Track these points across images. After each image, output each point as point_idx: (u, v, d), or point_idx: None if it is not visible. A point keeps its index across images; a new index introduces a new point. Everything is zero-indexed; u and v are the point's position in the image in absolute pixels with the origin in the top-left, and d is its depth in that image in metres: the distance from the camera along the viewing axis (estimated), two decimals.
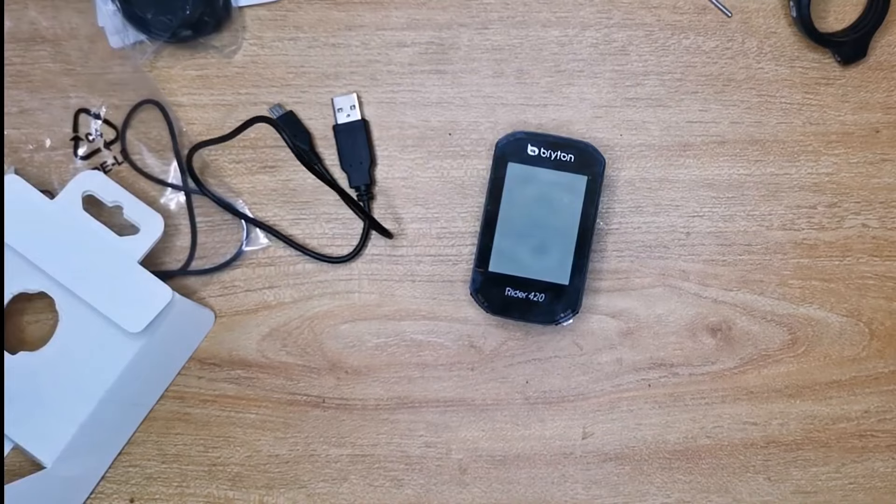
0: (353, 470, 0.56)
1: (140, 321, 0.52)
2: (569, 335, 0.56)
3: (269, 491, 0.55)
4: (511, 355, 0.56)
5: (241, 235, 0.56)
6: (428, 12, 0.57)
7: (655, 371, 0.56)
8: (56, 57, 0.56)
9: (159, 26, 0.54)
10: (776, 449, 0.56)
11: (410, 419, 0.56)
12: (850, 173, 0.57)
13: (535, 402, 0.56)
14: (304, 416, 0.56)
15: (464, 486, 0.56)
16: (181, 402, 0.56)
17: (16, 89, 0.56)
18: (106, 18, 0.55)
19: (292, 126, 0.56)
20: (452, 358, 0.56)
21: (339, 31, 0.57)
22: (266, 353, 0.56)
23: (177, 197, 0.56)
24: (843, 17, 0.57)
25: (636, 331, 0.56)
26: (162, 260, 0.56)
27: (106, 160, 0.56)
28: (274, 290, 0.56)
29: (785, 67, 0.57)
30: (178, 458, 0.55)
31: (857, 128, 0.57)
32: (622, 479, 0.56)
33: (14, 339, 0.55)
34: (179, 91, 0.57)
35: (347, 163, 0.56)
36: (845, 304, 0.56)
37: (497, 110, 0.57)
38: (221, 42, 0.57)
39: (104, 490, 0.55)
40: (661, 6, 0.57)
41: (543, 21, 0.57)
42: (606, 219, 0.56)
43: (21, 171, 0.56)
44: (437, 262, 0.56)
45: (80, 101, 0.56)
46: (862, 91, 0.57)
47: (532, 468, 0.56)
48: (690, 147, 0.56)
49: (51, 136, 0.56)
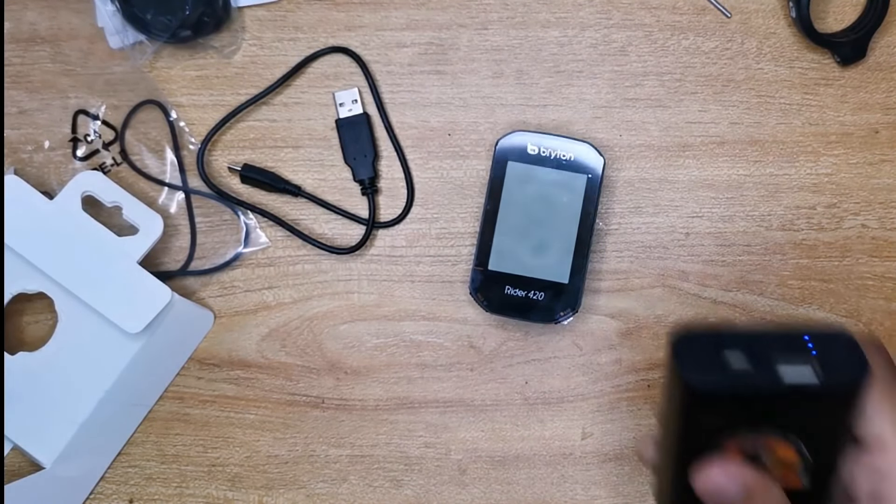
0: (353, 470, 0.56)
1: (139, 321, 0.52)
2: (568, 335, 0.56)
3: (269, 491, 0.55)
4: (510, 356, 0.56)
5: (241, 236, 0.56)
6: (427, 13, 0.57)
7: (655, 371, 0.56)
8: (55, 57, 0.56)
9: (159, 27, 0.54)
10: None
11: (410, 419, 0.56)
12: (850, 174, 0.57)
13: (535, 403, 0.56)
14: (304, 417, 0.56)
15: (463, 486, 0.55)
16: (180, 403, 0.56)
17: (15, 90, 0.56)
18: (105, 19, 0.56)
19: (256, 173, 0.56)
20: (452, 358, 0.56)
21: (339, 32, 0.57)
22: (265, 353, 0.56)
23: (176, 197, 0.56)
24: (843, 18, 0.57)
25: (636, 331, 0.56)
26: (161, 260, 0.56)
27: (105, 161, 0.56)
28: (273, 291, 0.56)
29: (784, 68, 0.57)
30: (177, 458, 0.55)
31: (857, 128, 0.57)
32: (622, 479, 0.55)
33: (14, 340, 0.55)
34: (179, 91, 0.57)
35: (351, 157, 0.56)
36: (844, 304, 0.56)
37: (496, 111, 0.57)
38: (221, 42, 0.57)
39: (103, 490, 0.55)
40: (660, 7, 0.57)
41: (543, 22, 0.57)
42: (606, 219, 0.56)
43: (20, 171, 0.56)
44: (437, 263, 0.56)
45: (79, 101, 0.56)
46: (861, 91, 0.57)
47: (531, 469, 0.56)
48: (690, 147, 0.56)
49: (50, 136, 0.56)
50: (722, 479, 0.35)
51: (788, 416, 0.35)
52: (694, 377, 0.34)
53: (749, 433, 0.35)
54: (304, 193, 0.56)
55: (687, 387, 0.34)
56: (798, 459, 0.36)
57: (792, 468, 0.36)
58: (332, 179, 0.57)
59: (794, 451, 0.36)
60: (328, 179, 0.57)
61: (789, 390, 0.34)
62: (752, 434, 0.35)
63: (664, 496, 0.39)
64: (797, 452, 0.36)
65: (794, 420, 0.35)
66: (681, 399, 0.35)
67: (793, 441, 0.36)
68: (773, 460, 0.36)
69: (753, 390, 0.34)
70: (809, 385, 0.34)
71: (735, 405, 0.35)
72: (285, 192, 0.56)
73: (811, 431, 0.36)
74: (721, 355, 0.34)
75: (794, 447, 0.36)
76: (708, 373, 0.34)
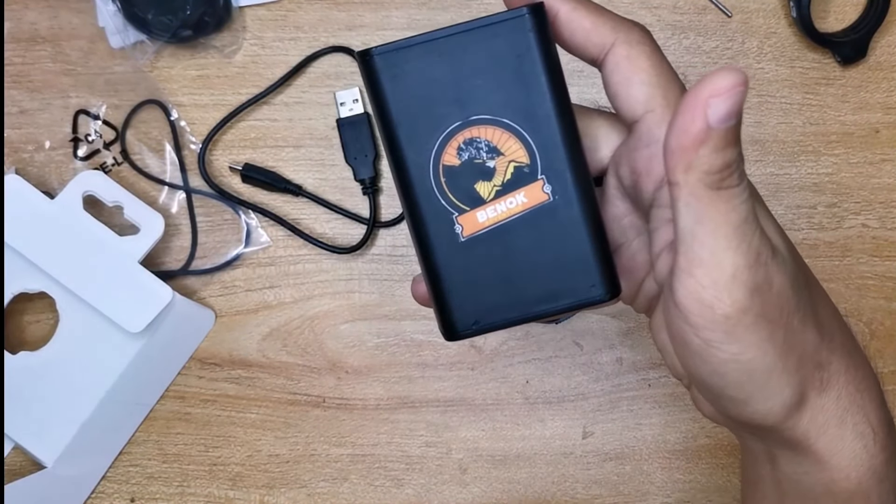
0: (354, 469, 0.56)
1: (140, 321, 0.52)
2: (569, 335, 0.56)
3: (270, 490, 0.55)
4: (511, 355, 0.56)
5: (242, 235, 0.56)
6: (428, 12, 0.57)
7: (655, 371, 0.56)
8: (56, 57, 0.56)
9: (160, 26, 0.54)
10: None
11: (411, 419, 0.56)
12: (850, 173, 0.57)
13: (536, 402, 0.56)
14: (305, 416, 0.56)
15: (464, 485, 0.56)
16: (182, 402, 0.56)
17: (16, 90, 0.56)
18: (106, 19, 0.55)
19: (257, 172, 0.56)
20: (452, 358, 0.56)
21: (340, 31, 0.57)
22: (266, 352, 0.56)
23: (177, 197, 0.56)
24: (843, 18, 0.57)
25: (636, 331, 0.56)
26: (162, 260, 0.56)
27: (106, 160, 0.56)
28: (274, 290, 0.56)
29: (785, 67, 0.57)
30: (178, 457, 0.56)
31: (857, 128, 0.57)
32: (622, 478, 0.56)
33: (14, 339, 0.55)
34: (180, 91, 0.57)
35: (352, 156, 0.56)
36: (845, 304, 0.56)
37: None
38: (222, 42, 0.57)
39: (105, 490, 0.55)
40: (661, 6, 0.57)
41: None
42: None
43: (21, 171, 0.56)
44: None
45: (80, 101, 0.56)
46: (862, 91, 0.57)
47: (532, 468, 0.56)
48: None
49: (51, 136, 0.56)
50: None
51: (488, 96, 0.33)
52: (389, 86, 0.33)
53: (463, 128, 0.33)
54: (305, 193, 0.56)
55: (385, 96, 0.33)
56: (522, 148, 0.33)
57: (519, 154, 0.33)
58: (333, 179, 0.57)
59: (515, 137, 0.33)
60: (329, 179, 0.57)
61: (480, 66, 0.33)
62: (467, 128, 0.33)
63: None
64: (518, 139, 0.33)
65: (498, 98, 0.33)
66: (386, 111, 0.33)
67: (507, 126, 0.33)
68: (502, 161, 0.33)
69: (450, 77, 0.33)
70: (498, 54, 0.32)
71: (437, 97, 0.33)
72: (286, 191, 0.56)
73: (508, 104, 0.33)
74: (410, 64, 0.33)
75: (513, 133, 0.33)
76: (402, 77, 0.33)
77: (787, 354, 0.30)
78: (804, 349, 0.30)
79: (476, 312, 0.34)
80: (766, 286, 0.29)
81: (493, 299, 0.34)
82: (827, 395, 0.31)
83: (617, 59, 0.33)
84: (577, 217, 0.33)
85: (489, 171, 0.33)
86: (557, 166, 0.33)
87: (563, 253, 0.33)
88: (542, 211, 0.33)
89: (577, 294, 0.33)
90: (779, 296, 0.29)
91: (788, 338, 0.30)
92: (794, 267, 0.31)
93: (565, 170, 0.33)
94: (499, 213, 0.33)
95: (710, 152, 0.27)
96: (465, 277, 0.33)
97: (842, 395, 0.31)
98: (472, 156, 0.33)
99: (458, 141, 0.33)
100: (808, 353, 0.31)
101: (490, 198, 0.33)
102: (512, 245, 0.33)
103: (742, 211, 0.28)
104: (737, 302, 0.28)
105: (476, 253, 0.33)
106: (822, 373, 0.31)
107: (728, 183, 0.28)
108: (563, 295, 0.33)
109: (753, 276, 0.28)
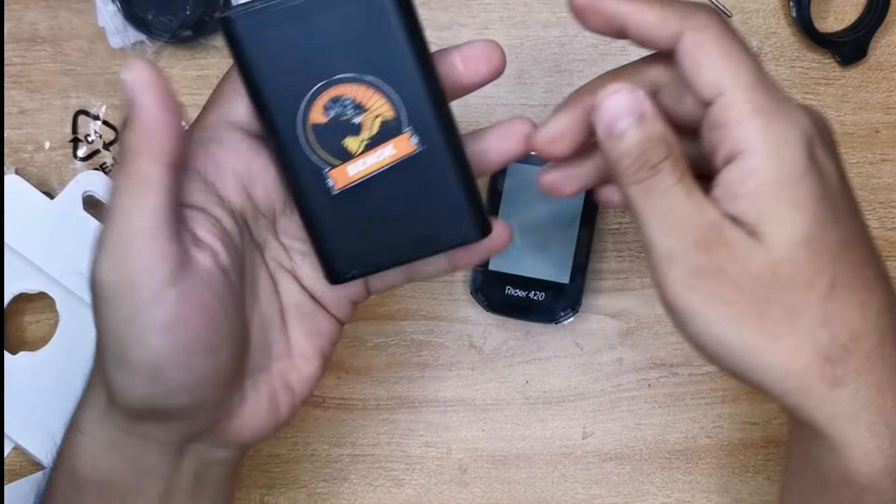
0: (354, 470, 0.56)
1: None
2: (569, 335, 0.56)
3: (270, 490, 0.55)
4: (511, 355, 0.56)
5: None
6: (428, 12, 0.57)
7: (655, 371, 0.56)
8: (56, 57, 0.56)
9: (160, 27, 0.54)
10: (776, 449, 0.56)
11: (411, 419, 0.56)
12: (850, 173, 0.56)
13: (536, 402, 0.56)
14: (305, 416, 0.56)
15: (464, 485, 0.56)
16: None
17: (16, 90, 0.56)
18: (106, 19, 0.56)
19: None
20: (453, 358, 0.56)
21: None
22: None
23: None
24: (843, 18, 0.57)
25: (636, 331, 0.56)
26: None
27: (106, 161, 0.56)
28: None
29: (785, 67, 0.57)
30: None
31: (857, 128, 0.57)
32: (622, 478, 0.56)
33: (15, 339, 0.55)
34: (180, 91, 0.57)
35: None
36: None
37: (497, 110, 0.57)
38: (222, 42, 0.57)
39: None
40: None
41: (543, 21, 0.57)
42: (606, 219, 0.56)
43: (21, 171, 0.56)
44: None
45: (80, 101, 0.56)
46: (862, 91, 0.57)
47: (532, 468, 0.56)
48: None
49: (50, 136, 0.56)
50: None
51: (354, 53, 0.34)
52: (252, 51, 0.34)
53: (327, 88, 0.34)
54: None
55: (249, 61, 0.34)
56: (388, 102, 0.34)
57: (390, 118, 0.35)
58: None
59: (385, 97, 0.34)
60: None
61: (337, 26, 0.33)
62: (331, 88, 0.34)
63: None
64: (383, 94, 0.34)
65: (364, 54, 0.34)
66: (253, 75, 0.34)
67: (370, 83, 0.34)
68: (369, 119, 0.35)
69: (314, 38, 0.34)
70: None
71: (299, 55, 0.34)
72: None
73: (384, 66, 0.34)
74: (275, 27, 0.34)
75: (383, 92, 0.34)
76: (265, 41, 0.34)
77: (772, 338, 0.33)
78: (801, 341, 0.32)
79: (356, 258, 0.36)
80: (718, 274, 0.34)
81: (371, 245, 0.36)
82: (841, 390, 0.32)
83: (686, 48, 0.34)
84: (445, 164, 0.35)
85: (356, 127, 0.35)
86: (422, 118, 0.35)
87: (434, 198, 0.35)
88: (411, 161, 0.35)
89: (449, 236, 0.36)
90: (737, 283, 0.33)
91: (767, 326, 0.32)
92: (795, 266, 0.33)
93: (430, 121, 0.35)
94: (368, 165, 0.35)
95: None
96: (342, 227, 0.35)
97: (860, 393, 0.32)
98: (339, 113, 0.34)
99: (322, 100, 0.34)
100: (808, 346, 0.32)
101: (359, 152, 0.35)
102: (385, 194, 0.35)
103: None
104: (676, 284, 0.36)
105: (350, 204, 0.35)
106: (835, 368, 0.32)
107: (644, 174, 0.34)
108: (438, 237, 0.36)
109: (694, 260, 0.34)
